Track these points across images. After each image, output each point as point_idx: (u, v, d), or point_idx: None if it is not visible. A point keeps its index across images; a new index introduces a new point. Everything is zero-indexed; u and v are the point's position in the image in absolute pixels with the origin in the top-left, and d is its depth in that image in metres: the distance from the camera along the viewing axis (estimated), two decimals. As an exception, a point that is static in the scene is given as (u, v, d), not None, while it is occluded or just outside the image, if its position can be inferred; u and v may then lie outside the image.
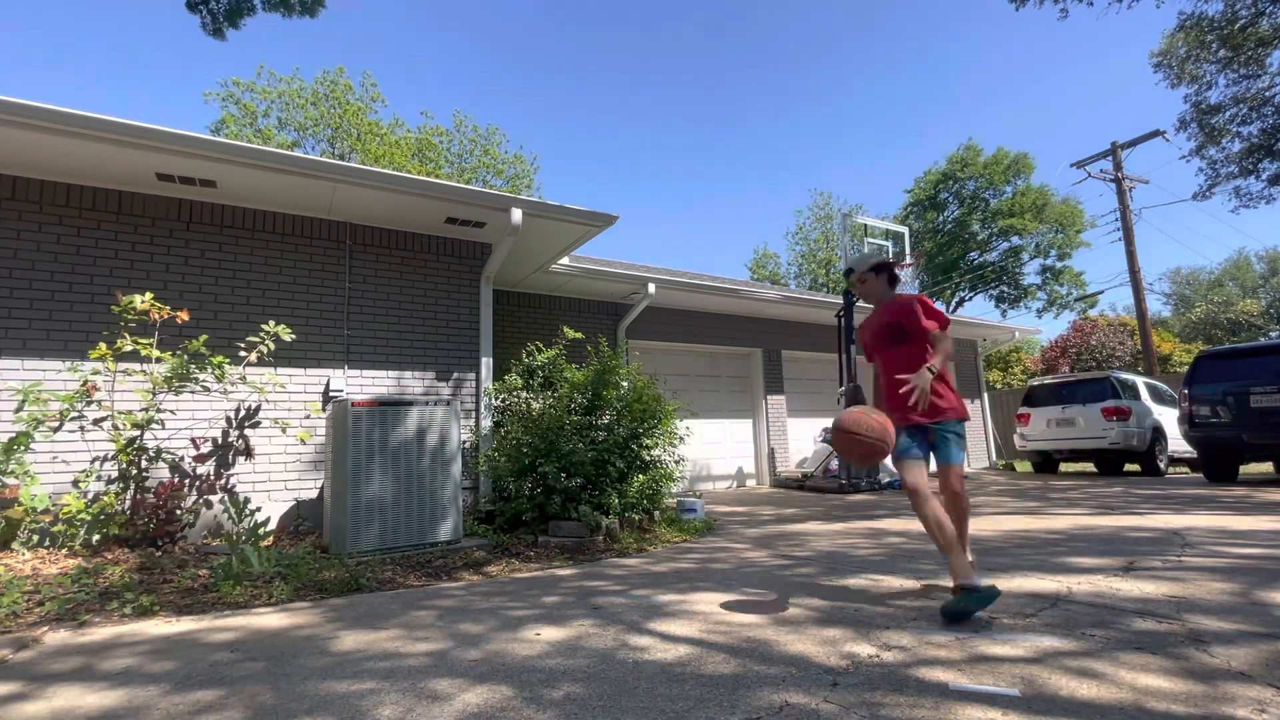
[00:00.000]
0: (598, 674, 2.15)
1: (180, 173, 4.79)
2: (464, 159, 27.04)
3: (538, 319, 8.36)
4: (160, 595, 3.31)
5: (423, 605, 3.19)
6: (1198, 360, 8.64)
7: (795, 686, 1.98)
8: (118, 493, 4.32)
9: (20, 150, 4.39)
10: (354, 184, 5.14)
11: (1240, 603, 2.73)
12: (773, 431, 10.50)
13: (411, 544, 4.58)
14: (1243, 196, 15.77)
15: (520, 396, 6.25)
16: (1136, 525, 5.03)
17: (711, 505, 7.47)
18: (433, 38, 50.63)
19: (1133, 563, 3.62)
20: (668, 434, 5.86)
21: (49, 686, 2.15)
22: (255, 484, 5.18)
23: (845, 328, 9.54)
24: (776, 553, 4.43)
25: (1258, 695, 1.81)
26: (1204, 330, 36.41)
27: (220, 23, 7.04)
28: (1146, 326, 17.69)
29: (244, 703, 1.98)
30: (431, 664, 2.29)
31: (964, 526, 2.90)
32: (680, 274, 11.13)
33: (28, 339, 4.57)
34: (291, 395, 5.42)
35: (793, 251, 36.54)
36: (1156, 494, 7.35)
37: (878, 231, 10.45)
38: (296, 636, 2.69)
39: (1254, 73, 14.12)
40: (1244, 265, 47.10)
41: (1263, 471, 10.76)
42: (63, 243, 4.76)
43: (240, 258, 5.35)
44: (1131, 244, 18.07)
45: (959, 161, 31.18)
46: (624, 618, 2.84)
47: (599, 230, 6.29)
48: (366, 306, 5.83)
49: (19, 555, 3.92)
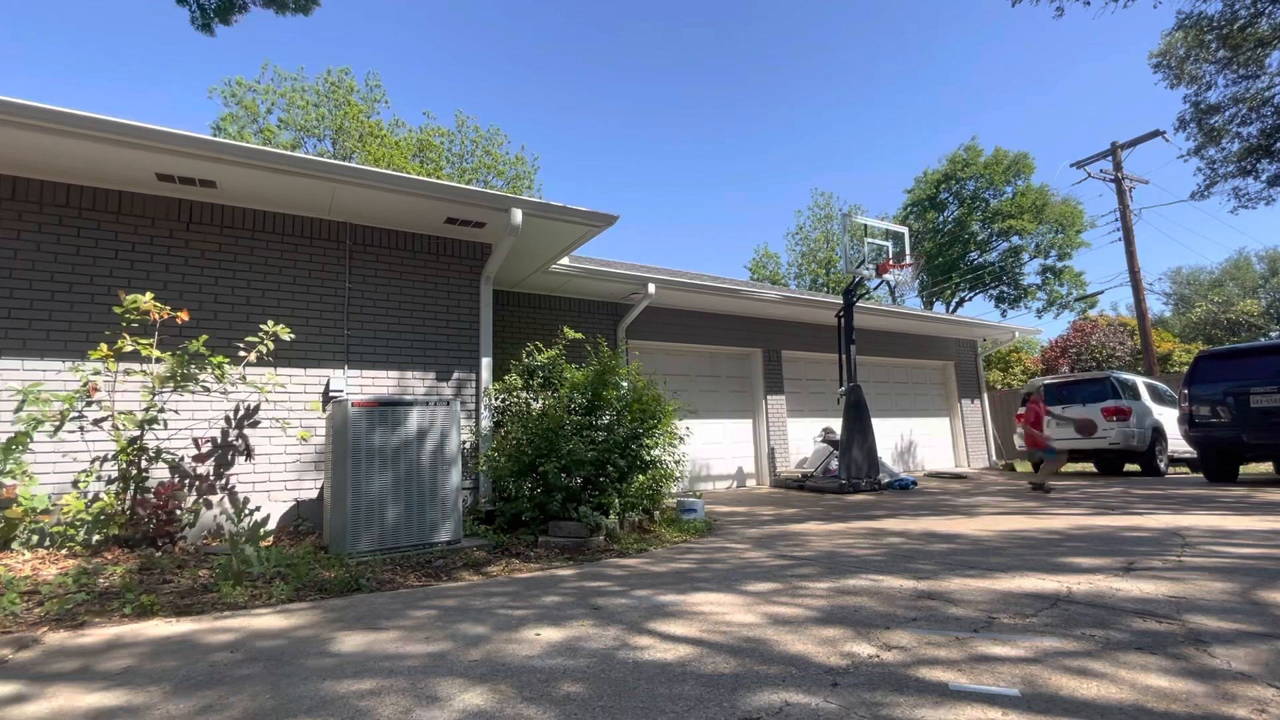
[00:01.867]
0: (598, 674, 2.15)
1: (180, 173, 4.79)
2: (465, 159, 27.06)
3: (538, 319, 8.36)
4: (160, 596, 3.31)
5: (423, 606, 3.19)
6: (1198, 360, 8.65)
7: (795, 686, 1.98)
8: (118, 493, 4.32)
9: (20, 150, 4.39)
10: (354, 184, 5.14)
11: (1240, 603, 2.73)
12: (773, 431, 10.50)
13: (411, 544, 4.58)
14: (1241, 197, 15.79)
15: (520, 396, 6.25)
16: (1136, 525, 5.03)
17: (711, 505, 7.47)
18: (434, 38, 50.67)
19: (1132, 563, 3.62)
20: (668, 434, 5.86)
21: (49, 686, 2.15)
22: (255, 484, 5.18)
23: (845, 328, 9.54)
24: (776, 553, 4.43)
25: (1258, 695, 1.81)
26: (1204, 330, 36.41)
27: (210, 17, 7.01)
28: (1146, 326, 17.69)
29: (244, 703, 1.98)
30: (431, 664, 2.29)
31: None
32: (680, 274, 11.14)
33: (28, 339, 4.57)
34: (291, 395, 5.42)
35: (793, 252, 36.58)
36: (1156, 494, 7.35)
37: (878, 231, 10.45)
38: (296, 637, 2.68)
39: (1253, 73, 14.13)
40: (1244, 265, 47.12)
41: (1263, 471, 10.76)
42: (63, 243, 4.75)
43: (240, 258, 5.35)
44: (1131, 244, 18.07)
45: (959, 162, 31.21)
46: (624, 618, 2.84)
47: (599, 230, 6.29)
48: (366, 306, 5.83)
49: (18, 555, 3.92)
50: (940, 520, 5.80)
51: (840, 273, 31.16)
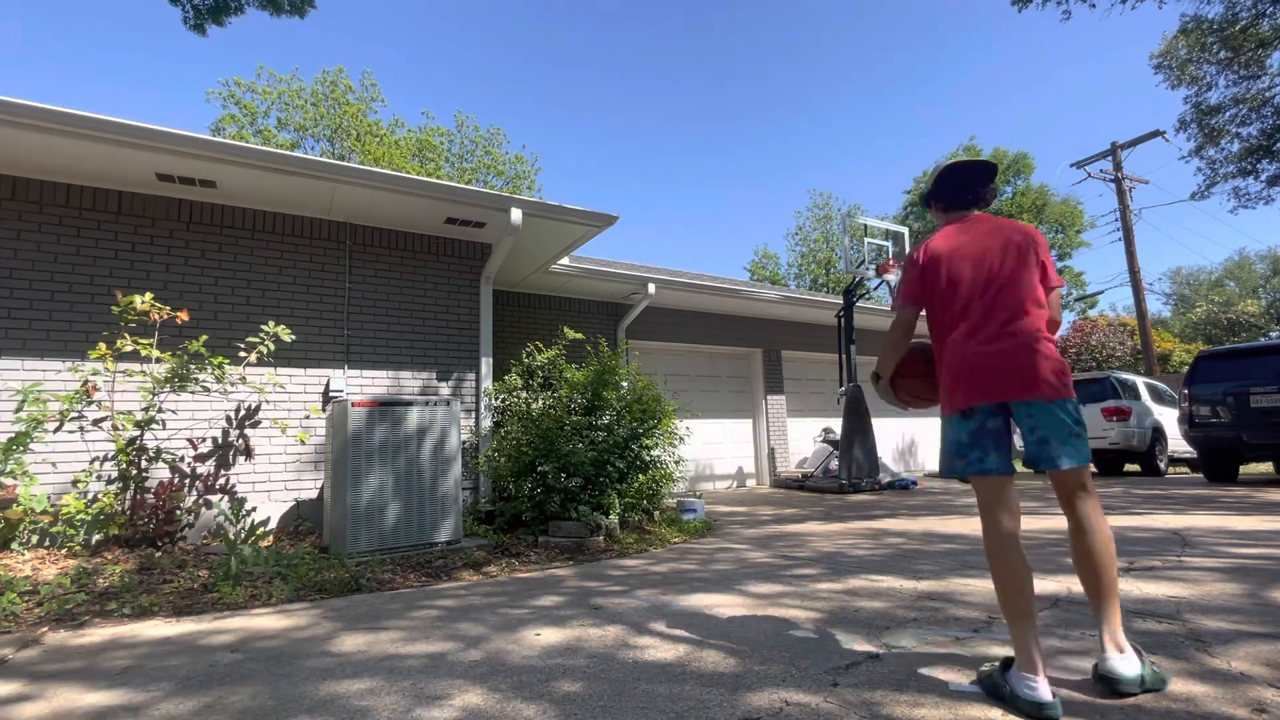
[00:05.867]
0: (598, 674, 2.15)
1: (180, 173, 4.79)
2: (465, 159, 27.05)
3: (538, 319, 8.36)
4: (160, 596, 3.30)
5: (422, 606, 3.19)
6: (1198, 360, 8.65)
7: (795, 686, 1.98)
8: (117, 493, 4.31)
9: (20, 150, 4.39)
10: (354, 184, 5.14)
11: (1241, 603, 2.73)
12: (773, 431, 10.50)
13: (411, 544, 4.58)
14: (1241, 197, 15.79)
15: (520, 396, 6.25)
16: (1136, 525, 5.02)
17: (711, 505, 7.46)
18: (434, 39, 50.67)
19: (1133, 563, 3.62)
20: (667, 434, 5.86)
21: (49, 686, 2.15)
22: (255, 484, 5.17)
23: (845, 328, 9.54)
24: (776, 553, 4.43)
25: (1258, 695, 1.81)
26: (1204, 330, 36.40)
27: (203, 17, 7.00)
28: (1146, 326, 17.69)
29: (244, 703, 1.98)
30: (431, 664, 2.29)
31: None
32: (680, 274, 11.13)
33: (28, 339, 4.56)
34: (291, 395, 5.41)
35: (793, 252, 36.56)
36: (1156, 494, 7.35)
37: (878, 231, 10.45)
38: (296, 637, 2.68)
39: (1254, 74, 14.13)
40: (1244, 265, 47.12)
41: (1263, 471, 10.76)
42: (63, 243, 4.75)
43: (240, 258, 5.35)
44: (1131, 244, 18.07)
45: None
46: (624, 618, 2.84)
47: (599, 230, 6.29)
48: (366, 306, 5.83)
49: (18, 556, 3.91)
50: (941, 520, 5.80)
51: (840, 273, 31.14)
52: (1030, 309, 2.01)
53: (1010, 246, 2.07)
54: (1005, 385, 1.96)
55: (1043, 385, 1.93)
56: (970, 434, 2.01)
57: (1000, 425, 2.01)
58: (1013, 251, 2.06)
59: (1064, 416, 1.93)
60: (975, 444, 2.00)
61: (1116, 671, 1.80)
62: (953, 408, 2.06)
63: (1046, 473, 1.98)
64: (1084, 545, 1.92)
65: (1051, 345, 2.01)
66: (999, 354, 1.98)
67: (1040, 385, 1.93)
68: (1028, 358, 1.95)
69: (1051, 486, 2.03)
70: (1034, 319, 2.00)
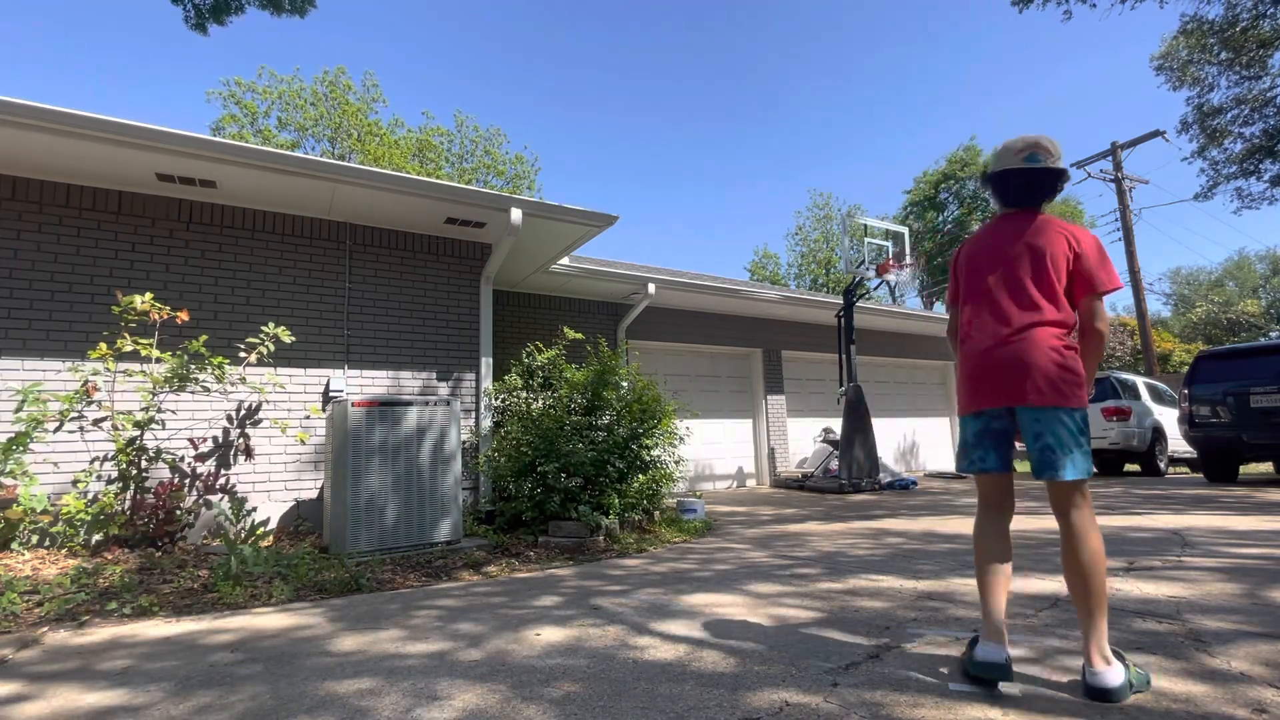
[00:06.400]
0: (598, 674, 2.15)
1: (180, 173, 4.79)
2: (465, 159, 27.05)
3: (538, 319, 8.36)
4: (160, 596, 3.31)
5: (423, 605, 3.19)
6: (1198, 360, 8.65)
7: (795, 686, 1.98)
8: (117, 493, 4.31)
9: (20, 150, 4.39)
10: (354, 184, 5.14)
11: (1241, 603, 2.73)
12: (773, 431, 10.50)
13: (411, 544, 4.58)
14: (1244, 197, 15.79)
15: (520, 396, 6.25)
16: (1136, 525, 5.02)
17: (711, 505, 7.46)
18: (434, 39, 50.66)
19: (1133, 563, 3.62)
20: (667, 434, 5.85)
21: (49, 686, 2.15)
22: (255, 484, 5.18)
23: (845, 328, 9.54)
24: (776, 553, 4.43)
25: (1258, 695, 1.81)
26: (1204, 330, 36.39)
27: (204, 17, 7.01)
28: (1146, 326, 17.69)
29: (244, 703, 1.98)
30: (431, 664, 2.29)
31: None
32: (680, 274, 11.13)
33: (28, 339, 4.56)
34: (291, 395, 5.41)
35: (793, 252, 36.59)
36: (1156, 494, 7.35)
37: (878, 231, 10.45)
38: (296, 637, 2.68)
39: (1255, 74, 14.12)
40: (1244, 265, 47.12)
41: (1263, 471, 10.76)
42: (63, 243, 4.75)
43: (240, 258, 5.35)
44: (1131, 244, 18.07)
45: (959, 162, 31.21)
46: (624, 618, 2.84)
47: (599, 230, 6.29)
48: (366, 307, 5.83)
49: (18, 556, 3.91)
50: (941, 520, 5.80)
51: (840, 273, 31.15)
52: (1038, 315, 1.98)
53: (1028, 250, 2.03)
54: (1004, 390, 1.98)
55: (1042, 393, 1.93)
56: (975, 434, 2.09)
57: (1005, 427, 2.05)
58: (1028, 255, 2.03)
59: (1064, 427, 1.91)
60: (979, 444, 2.08)
61: (1105, 684, 1.79)
62: (964, 408, 2.14)
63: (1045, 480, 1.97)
64: (1073, 556, 1.91)
65: (1061, 353, 1.94)
66: (1000, 359, 2.00)
67: (1038, 393, 1.93)
68: (1028, 364, 1.95)
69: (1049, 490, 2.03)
70: (1042, 325, 1.97)
